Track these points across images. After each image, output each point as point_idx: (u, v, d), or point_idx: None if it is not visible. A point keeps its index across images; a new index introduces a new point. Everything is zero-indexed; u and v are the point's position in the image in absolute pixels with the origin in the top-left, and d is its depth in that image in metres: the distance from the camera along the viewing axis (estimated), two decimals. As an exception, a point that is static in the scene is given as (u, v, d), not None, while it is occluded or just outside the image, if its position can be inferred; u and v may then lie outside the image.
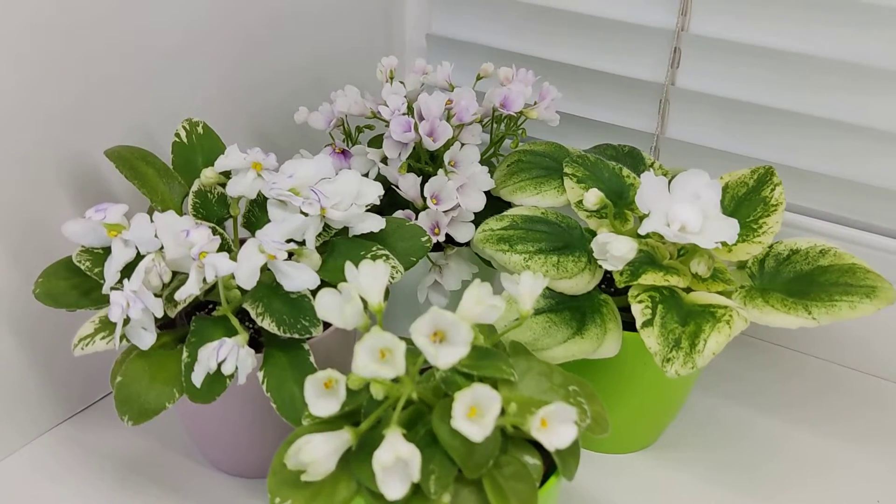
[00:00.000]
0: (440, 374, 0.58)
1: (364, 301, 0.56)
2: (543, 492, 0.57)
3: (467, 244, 0.80)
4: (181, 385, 0.63)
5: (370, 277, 0.56)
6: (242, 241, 0.66)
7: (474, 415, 0.51)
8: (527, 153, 0.78)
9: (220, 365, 0.60)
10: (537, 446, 0.58)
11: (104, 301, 0.67)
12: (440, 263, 0.80)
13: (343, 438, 0.55)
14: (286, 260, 0.64)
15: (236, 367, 0.61)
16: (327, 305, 0.56)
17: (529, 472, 0.56)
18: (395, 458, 0.50)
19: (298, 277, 0.63)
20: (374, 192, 0.69)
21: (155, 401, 0.62)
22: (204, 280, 0.62)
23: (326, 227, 0.69)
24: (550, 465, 0.59)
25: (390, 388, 0.56)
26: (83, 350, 0.63)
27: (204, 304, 0.74)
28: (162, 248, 0.63)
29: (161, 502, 0.75)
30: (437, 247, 0.81)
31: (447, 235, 0.77)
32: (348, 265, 0.57)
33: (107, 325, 0.65)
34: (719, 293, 0.70)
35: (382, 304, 0.57)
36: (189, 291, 0.61)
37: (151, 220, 0.63)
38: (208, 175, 0.70)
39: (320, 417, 0.59)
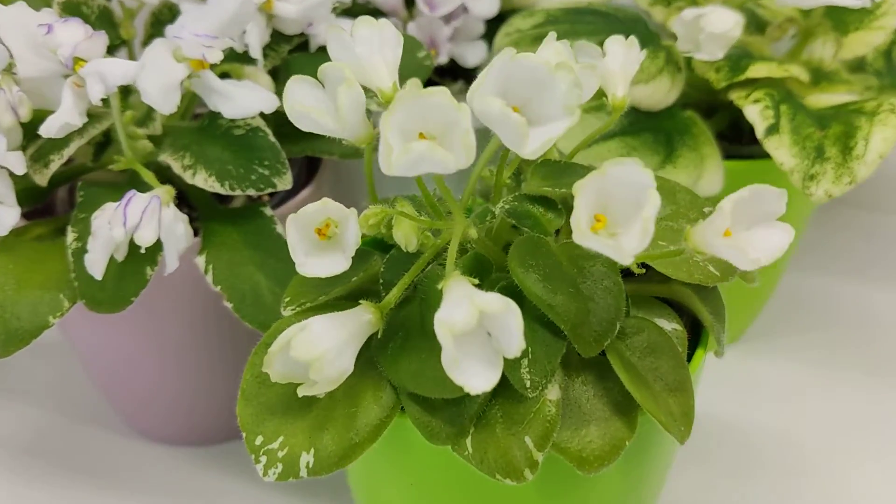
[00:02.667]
0: (502, 206, 0.35)
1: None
2: (692, 370, 0.35)
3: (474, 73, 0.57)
4: (70, 287, 0.39)
5: (374, 44, 0.33)
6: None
7: (604, 226, 0.28)
8: (545, -61, 0.56)
9: (131, 238, 0.36)
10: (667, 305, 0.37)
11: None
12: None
13: (361, 320, 0.32)
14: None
15: (159, 241, 0.37)
16: (305, 102, 0.33)
17: (671, 340, 0.34)
18: (479, 317, 0.27)
19: (244, 97, 0.39)
20: (343, -19, 0.46)
21: (29, 315, 0.38)
22: (96, 118, 0.38)
23: (275, 36, 0.45)
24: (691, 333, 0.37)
25: (433, 226, 0.33)
26: None
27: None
28: (11, 62, 0.38)
29: (77, 495, 0.50)
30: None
31: (451, 61, 0.53)
32: (332, 30, 0.33)
33: (-66, 206, 0.40)
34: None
35: (396, 84, 0.34)
36: (61, 121, 0.36)
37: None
38: (82, -27, 0.45)
39: (311, 296, 0.36)
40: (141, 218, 0.35)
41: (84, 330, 0.48)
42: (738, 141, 0.53)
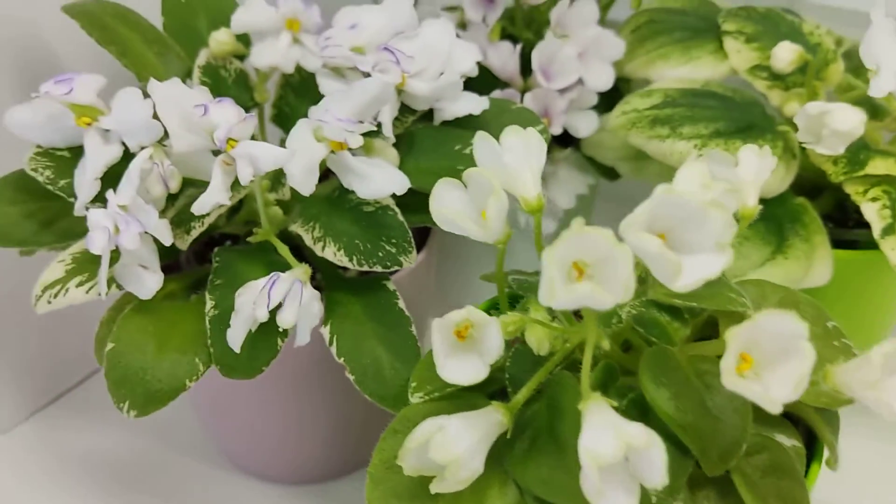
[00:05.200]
0: (629, 311, 0.36)
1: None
2: (809, 485, 0.36)
3: (577, 145, 0.58)
4: (206, 352, 0.41)
5: (521, 154, 0.34)
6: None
7: (749, 367, 0.29)
8: (661, 12, 0.56)
9: (272, 314, 0.38)
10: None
11: (77, 234, 0.44)
12: (546, 172, 0.58)
13: (492, 420, 0.34)
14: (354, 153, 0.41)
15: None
16: (452, 206, 0.34)
17: (792, 460, 0.35)
18: (625, 450, 0.28)
19: (379, 178, 0.41)
20: (470, 57, 0.47)
21: (168, 378, 0.40)
22: (233, 186, 0.40)
23: (401, 108, 0.47)
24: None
25: (566, 334, 0.34)
26: (50, 303, 0.41)
27: (219, 240, 0.51)
28: (164, 137, 0.40)
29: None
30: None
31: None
32: (482, 136, 0.35)
33: (84, 265, 0.42)
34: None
35: (542, 197, 0.35)
36: (213, 201, 0.38)
37: (145, 95, 0.40)
38: (222, 40, 0.47)
39: (437, 383, 0.37)
40: (284, 300, 0.37)
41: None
42: (844, 224, 0.53)
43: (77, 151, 0.43)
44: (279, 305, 0.38)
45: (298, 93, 0.50)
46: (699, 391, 0.33)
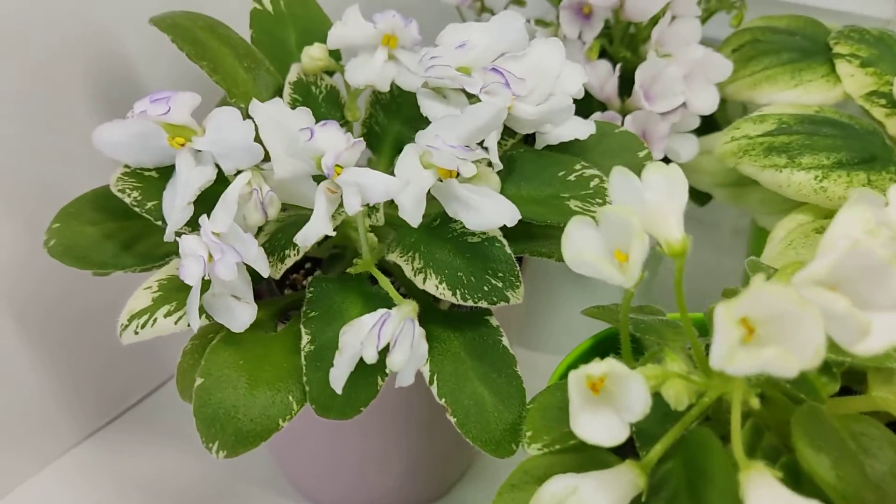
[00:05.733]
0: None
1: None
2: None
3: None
4: (300, 388, 0.38)
5: (664, 192, 0.32)
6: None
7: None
8: (765, 31, 0.53)
9: (380, 355, 0.35)
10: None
11: (159, 256, 0.42)
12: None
13: (626, 481, 0.31)
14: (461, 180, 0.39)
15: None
16: (591, 250, 0.32)
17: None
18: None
19: (488, 208, 0.38)
20: (578, 79, 0.44)
21: (261, 417, 0.37)
22: (337, 212, 0.37)
23: (503, 132, 0.44)
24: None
25: (704, 387, 0.31)
26: (137, 333, 0.38)
27: (300, 263, 0.49)
28: (263, 161, 0.38)
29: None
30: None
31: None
32: (619, 171, 0.32)
33: (172, 293, 0.40)
34: None
35: (687, 238, 0.32)
36: (317, 232, 0.36)
37: (246, 116, 0.37)
38: (315, 55, 0.44)
39: (555, 432, 0.34)
40: (395, 341, 0.34)
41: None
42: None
43: (165, 172, 0.40)
44: (393, 345, 0.35)
45: (388, 111, 0.48)
46: (858, 457, 0.30)
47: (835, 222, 0.30)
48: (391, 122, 0.47)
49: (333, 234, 0.36)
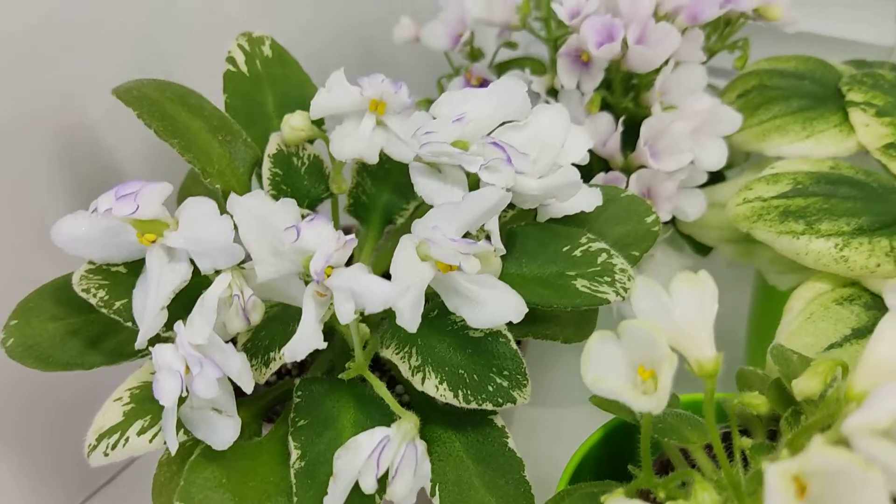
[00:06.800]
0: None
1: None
2: None
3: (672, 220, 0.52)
4: (290, 506, 0.35)
5: (695, 308, 0.29)
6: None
7: None
8: (772, 75, 0.50)
9: (379, 481, 0.32)
10: None
11: (130, 353, 0.38)
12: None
13: None
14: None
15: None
16: (609, 373, 0.28)
17: None
18: None
19: (493, 303, 0.35)
20: (583, 145, 0.41)
21: (249, 544, 0.34)
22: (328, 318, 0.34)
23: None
24: None
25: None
26: (108, 455, 0.35)
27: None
28: (244, 261, 0.34)
29: None
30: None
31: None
32: (644, 282, 0.29)
33: (145, 405, 0.36)
34: None
35: (719, 358, 0.29)
36: (307, 347, 0.32)
37: (223, 211, 0.34)
38: (296, 125, 0.41)
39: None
40: (396, 468, 0.31)
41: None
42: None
43: (134, 266, 0.36)
44: (395, 472, 0.31)
45: (376, 178, 0.44)
46: None
47: (879, 338, 0.28)
48: (380, 190, 0.44)
49: (323, 347, 0.32)
